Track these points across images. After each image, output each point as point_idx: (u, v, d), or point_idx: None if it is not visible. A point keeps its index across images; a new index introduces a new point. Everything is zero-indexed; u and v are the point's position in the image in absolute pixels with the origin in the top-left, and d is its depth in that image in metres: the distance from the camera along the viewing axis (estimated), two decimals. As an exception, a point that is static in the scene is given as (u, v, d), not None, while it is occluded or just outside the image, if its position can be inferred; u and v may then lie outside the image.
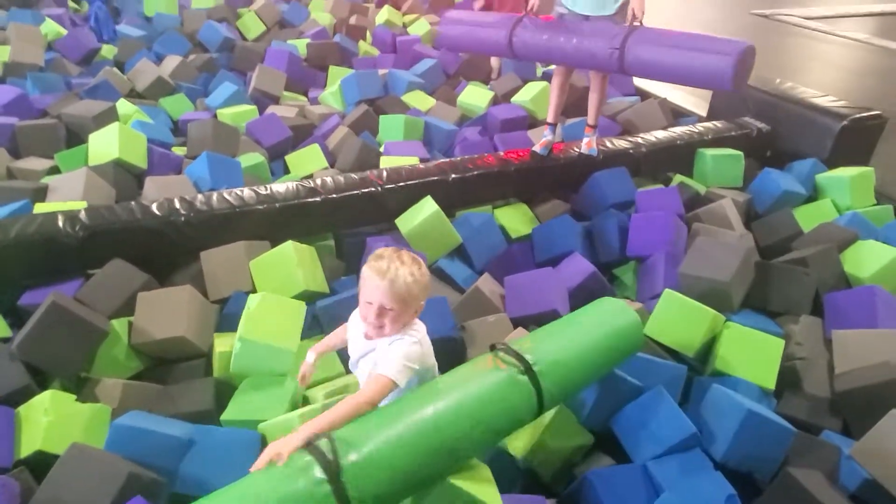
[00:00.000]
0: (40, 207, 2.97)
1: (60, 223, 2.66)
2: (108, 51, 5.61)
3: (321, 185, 3.15)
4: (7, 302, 2.59)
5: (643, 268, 3.14)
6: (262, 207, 2.97)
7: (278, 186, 3.09)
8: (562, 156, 3.75)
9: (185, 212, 2.85)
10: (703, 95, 5.16)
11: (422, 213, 3.16)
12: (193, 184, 3.40)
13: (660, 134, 4.14)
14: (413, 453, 1.49)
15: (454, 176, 3.41)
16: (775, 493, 1.95)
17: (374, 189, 3.21)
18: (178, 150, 4.01)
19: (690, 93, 5.39)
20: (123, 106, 4.25)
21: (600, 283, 3.00)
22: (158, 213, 2.82)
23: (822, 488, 1.91)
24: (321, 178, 3.20)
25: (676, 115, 5.01)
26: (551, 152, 3.72)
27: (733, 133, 4.27)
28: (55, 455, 1.90)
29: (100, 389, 2.28)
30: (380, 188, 3.23)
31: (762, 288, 2.88)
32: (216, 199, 2.95)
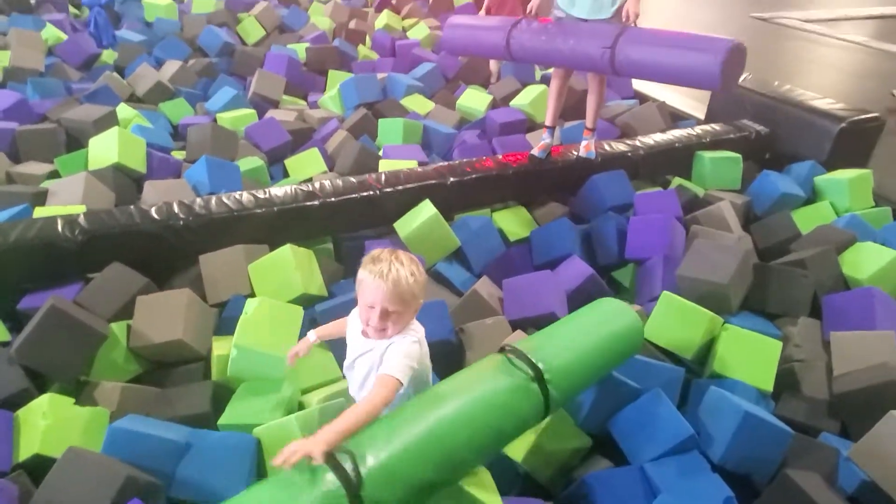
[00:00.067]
0: (40, 212, 2.99)
1: (60, 227, 2.67)
2: (108, 56, 5.64)
3: (320, 188, 3.15)
4: (6, 306, 2.60)
5: (642, 270, 3.15)
6: (260, 211, 2.98)
7: (277, 190, 3.10)
8: (560, 159, 3.76)
9: (184, 216, 2.86)
10: (701, 98, 5.17)
11: (420, 216, 3.16)
12: (192, 188, 3.41)
13: (658, 137, 4.14)
14: (430, 464, 1.50)
15: (453, 179, 3.42)
16: (773, 496, 1.95)
17: (372, 192, 3.22)
18: (178, 155, 4.02)
19: (689, 96, 5.41)
20: (123, 110, 4.27)
21: (599, 286, 3.00)
22: (157, 217, 2.83)
23: (820, 490, 1.90)
24: (320, 182, 3.21)
25: (675, 119, 5.02)
26: (550, 155, 3.73)
27: (732, 136, 4.27)
28: (53, 458, 1.89)
29: (98, 393, 2.29)
30: (378, 192, 3.23)
31: (760, 290, 2.89)
32: (215, 203, 2.95)
